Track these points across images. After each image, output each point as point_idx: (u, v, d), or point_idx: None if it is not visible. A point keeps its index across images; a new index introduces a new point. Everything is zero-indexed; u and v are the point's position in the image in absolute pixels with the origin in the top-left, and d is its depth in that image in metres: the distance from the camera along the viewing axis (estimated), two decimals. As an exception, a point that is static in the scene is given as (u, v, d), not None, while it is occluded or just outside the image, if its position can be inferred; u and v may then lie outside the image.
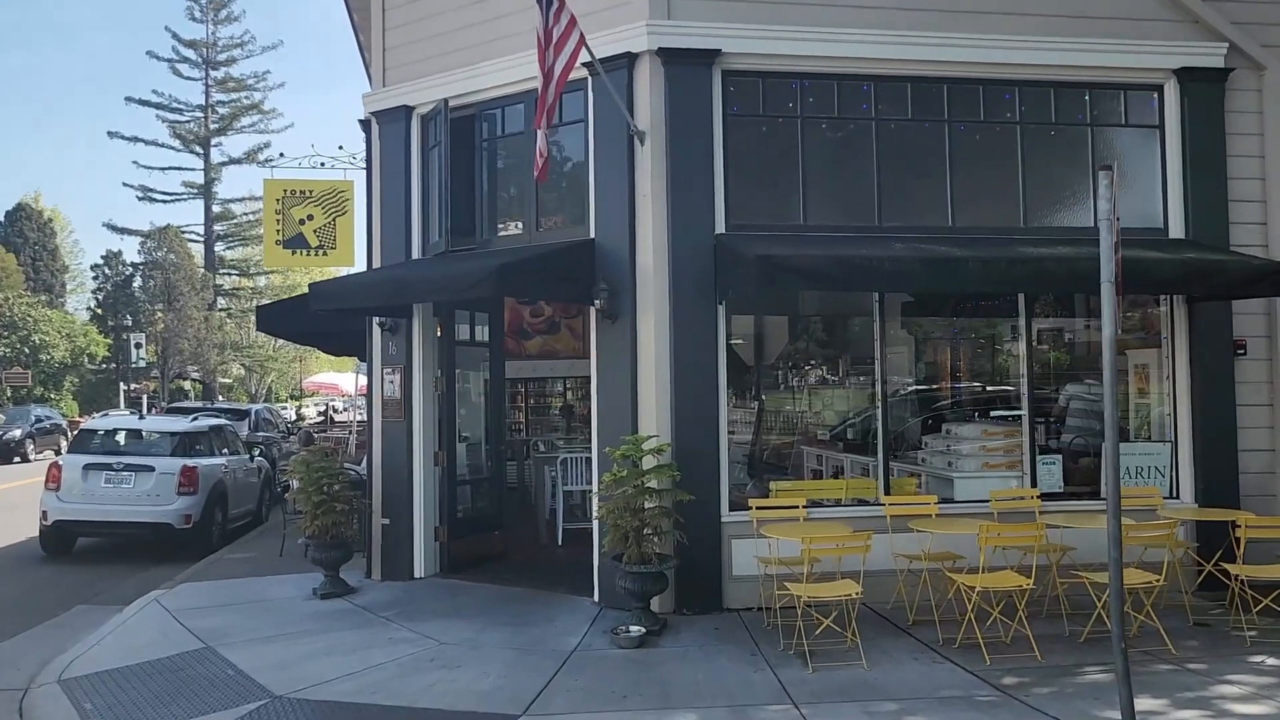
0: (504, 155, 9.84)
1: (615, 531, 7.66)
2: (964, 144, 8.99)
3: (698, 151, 8.47)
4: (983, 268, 7.62)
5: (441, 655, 7.28)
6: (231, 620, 8.49)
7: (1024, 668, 6.70)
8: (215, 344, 49.89)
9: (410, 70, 9.97)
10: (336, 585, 9.37)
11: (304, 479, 9.42)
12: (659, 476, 7.81)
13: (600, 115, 8.73)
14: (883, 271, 7.49)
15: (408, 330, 9.95)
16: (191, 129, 53.99)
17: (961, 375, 10.90)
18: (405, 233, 9.97)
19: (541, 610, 8.53)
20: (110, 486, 12.09)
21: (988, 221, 8.98)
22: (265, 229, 11.33)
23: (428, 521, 9.93)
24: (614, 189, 8.62)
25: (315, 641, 7.76)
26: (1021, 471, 9.03)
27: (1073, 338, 10.37)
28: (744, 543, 8.30)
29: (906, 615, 7.92)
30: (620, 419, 8.48)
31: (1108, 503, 5.34)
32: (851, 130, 8.95)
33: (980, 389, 10.55)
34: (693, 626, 7.91)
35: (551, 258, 8.55)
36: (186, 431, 13.01)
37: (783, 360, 11.51)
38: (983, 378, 10.67)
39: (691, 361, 8.35)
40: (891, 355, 9.40)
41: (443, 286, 8.15)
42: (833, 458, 10.85)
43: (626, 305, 8.48)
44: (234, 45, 54.66)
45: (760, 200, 8.85)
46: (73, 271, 57.23)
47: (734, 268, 7.95)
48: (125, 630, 8.37)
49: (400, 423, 9.91)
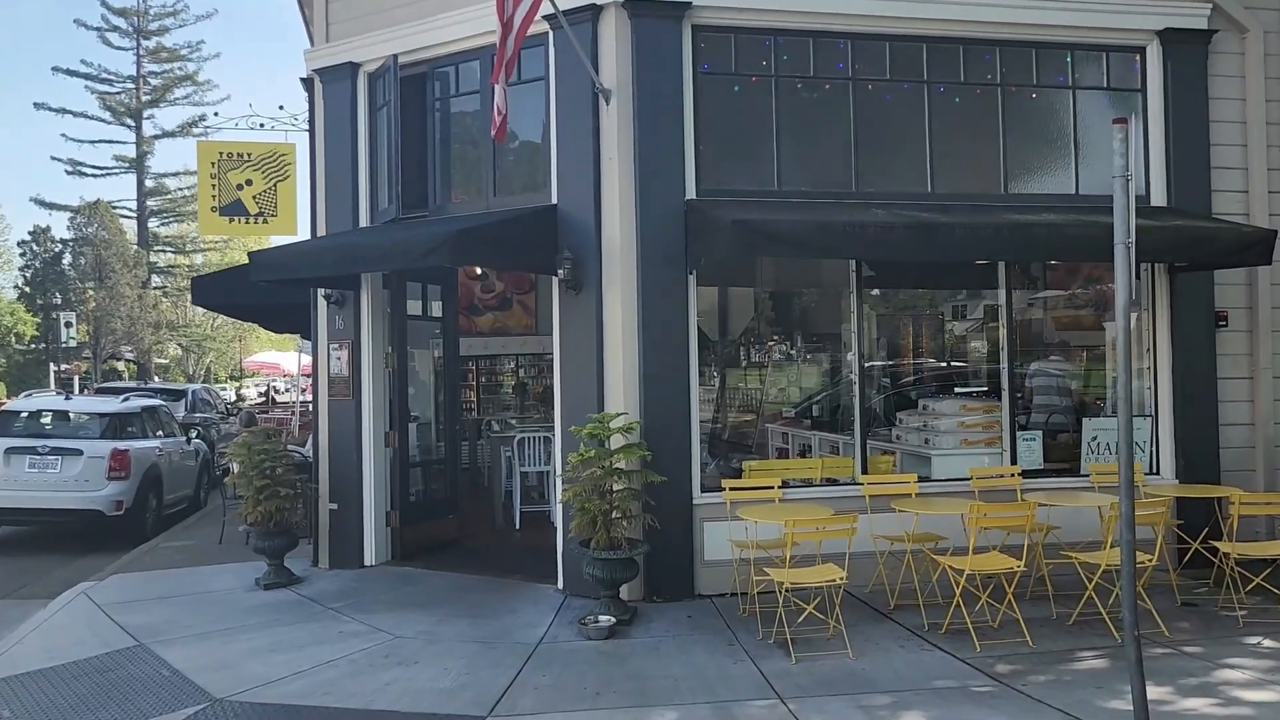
0: (459, 116, 9.23)
1: (582, 515, 7.19)
2: (944, 107, 8.60)
3: (667, 112, 7.97)
4: (970, 234, 7.25)
5: (397, 650, 6.76)
6: (167, 615, 7.88)
7: (1016, 654, 6.37)
8: (150, 323, 48.19)
9: (356, 24, 9.31)
10: (281, 575, 8.78)
11: (245, 462, 8.79)
12: (628, 457, 7.34)
13: (562, 72, 8.18)
14: (866, 237, 7.07)
15: (355, 303, 9.33)
16: (123, 100, 51.94)
17: (935, 350, 10.60)
18: (352, 199, 9.33)
19: (502, 599, 8.04)
20: (35, 471, 11.31)
21: (968, 188, 8.60)
22: (199, 194, 10.57)
23: (378, 506, 9.36)
24: (577, 151, 8.09)
25: (259, 637, 7.19)
26: (1001, 448, 8.70)
27: (1043, 312, 10.10)
28: (717, 525, 7.87)
29: (888, 599, 7.56)
30: (585, 396, 8.00)
31: (1120, 481, 5.00)
32: (827, 91, 8.51)
33: (955, 364, 10.25)
34: (664, 615, 7.48)
35: (511, 224, 8.00)
36: (117, 413, 12.23)
37: (747, 335, 11.13)
38: (957, 353, 10.36)
39: (661, 334, 7.88)
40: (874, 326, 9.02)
41: (394, 254, 7.56)
42: (800, 436, 10.51)
43: (591, 275, 7.97)
44: (166, 14, 52.63)
45: (732, 164, 8.38)
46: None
47: (707, 234, 7.48)
48: (50, 627, 7.73)
49: (348, 401, 9.31)
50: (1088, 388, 9.80)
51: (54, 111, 50.67)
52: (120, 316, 45.88)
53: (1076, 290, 10.02)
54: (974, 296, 10.16)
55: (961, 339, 10.38)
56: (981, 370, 9.84)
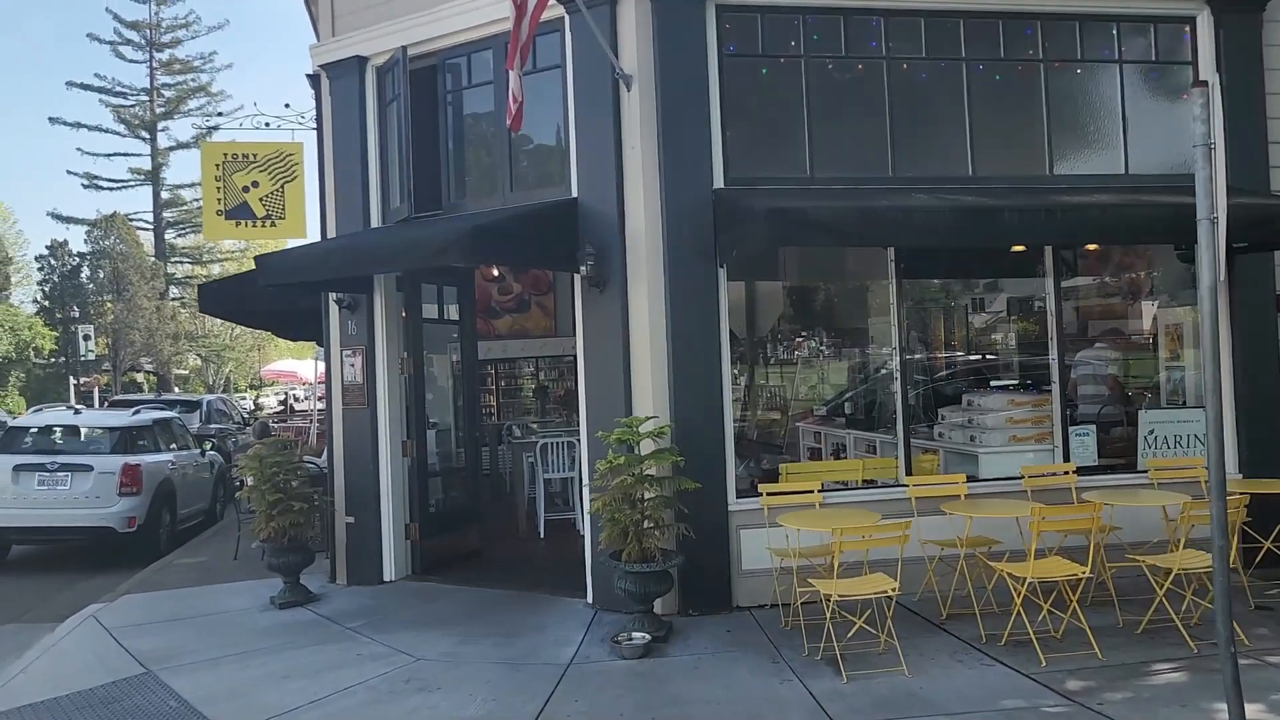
0: (471, 109, 8.81)
1: (612, 526, 6.75)
2: (983, 85, 8.11)
3: (691, 97, 7.54)
4: (1020, 217, 6.76)
5: (419, 674, 6.34)
6: (178, 638, 7.50)
7: (1085, 668, 5.89)
8: (169, 334, 48.12)
9: (363, 16, 8.92)
10: (297, 593, 8.40)
11: (257, 475, 8.41)
12: (659, 462, 6.91)
13: (580, 59, 7.76)
14: (911, 223, 6.60)
15: (369, 307, 8.94)
16: (137, 113, 51.87)
17: (973, 342, 10.11)
18: (362, 198, 8.94)
19: (529, 616, 7.61)
20: (45, 489, 10.98)
21: (1012, 170, 8.14)
22: (204, 198, 10.18)
23: (397, 518, 8.96)
24: (598, 142, 7.66)
25: (273, 662, 6.80)
26: (1052, 445, 8.21)
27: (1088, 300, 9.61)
28: (754, 533, 7.44)
29: (939, 608, 7.09)
30: (612, 399, 7.56)
31: (1210, 481, 4.53)
32: (860, 72, 8.04)
33: (996, 357, 9.75)
34: (701, 630, 7.03)
35: (529, 220, 7.58)
36: (128, 426, 11.88)
37: (776, 331, 10.68)
38: (997, 345, 9.87)
39: (691, 332, 7.45)
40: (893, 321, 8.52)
41: (407, 254, 7.16)
42: (833, 435, 10.05)
43: (615, 271, 7.55)
44: (178, 26, 52.48)
45: (762, 151, 7.93)
46: (17, 263, 54.92)
47: (738, 224, 7.03)
48: (56, 654, 7.37)
49: (363, 410, 8.91)
50: (1136, 378, 9.30)
51: (69, 125, 50.67)
52: (139, 328, 45.79)
53: (1106, 278, 9.54)
54: (1016, 285, 9.67)
55: (1002, 330, 9.88)
56: (1026, 363, 9.35)
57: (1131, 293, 9.57)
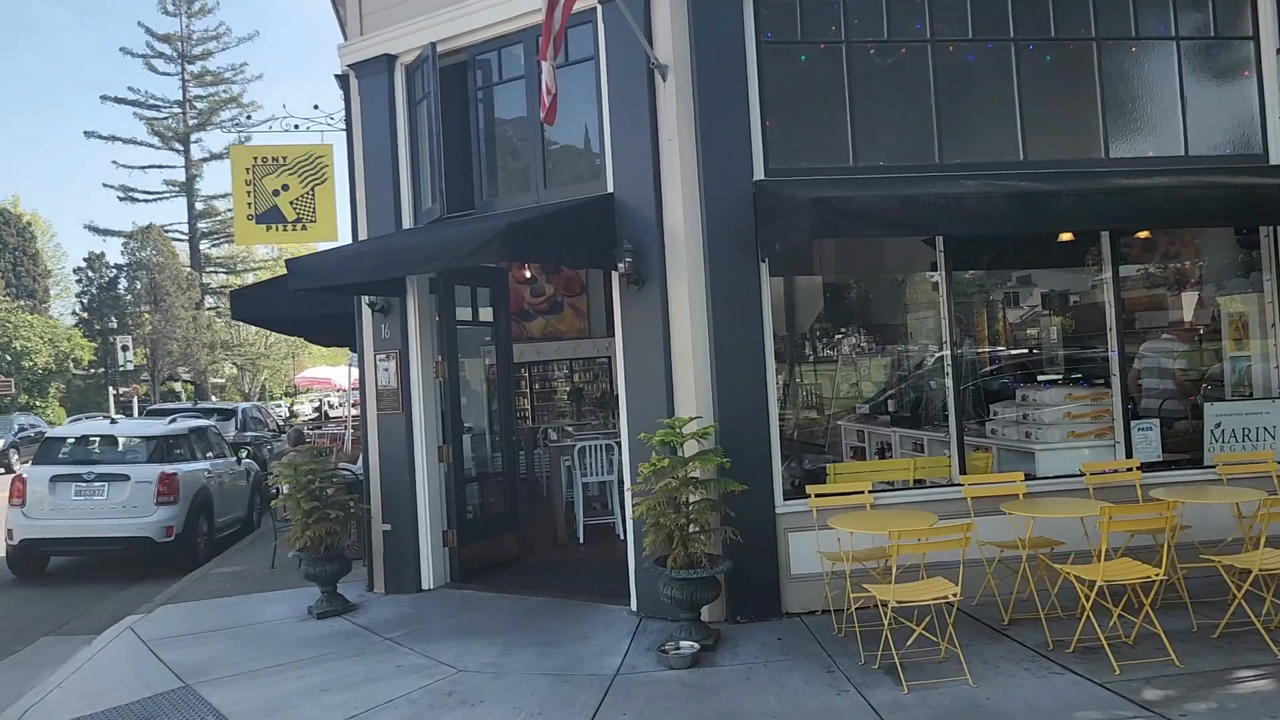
0: (503, 105, 8.61)
1: (657, 531, 6.51)
2: (1033, 66, 7.78)
3: (729, 86, 7.28)
4: (1078, 201, 6.43)
5: (460, 687, 6.13)
6: (215, 650, 7.35)
7: (1163, 675, 5.56)
8: (205, 344, 48.57)
9: (391, 14, 8.74)
10: (334, 602, 8.23)
11: (292, 483, 8.25)
12: (704, 465, 6.65)
13: (613, 50, 7.53)
14: (962, 210, 6.28)
15: (401, 310, 8.77)
16: (170, 125, 52.41)
17: (1025, 335, 9.77)
18: (394, 199, 8.77)
19: (571, 624, 7.39)
20: (82, 499, 10.92)
21: (1065, 154, 7.81)
22: (235, 203, 10.04)
23: (434, 525, 8.78)
24: (633, 135, 7.43)
25: (311, 674, 6.62)
26: (1113, 440, 7.86)
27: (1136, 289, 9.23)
28: (802, 536, 7.17)
29: (1000, 613, 6.78)
30: (652, 400, 7.33)
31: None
32: (904, 56, 7.74)
33: (1051, 350, 9.40)
34: (750, 638, 6.77)
35: (564, 216, 7.35)
36: (164, 435, 11.80)
37: (817, 326, 10.40)
38: (1053, 337, 9.51)
39: (733, 328, 7.19)
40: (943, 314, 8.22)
41: (441, 254, 6.95)
42: (877, 433, 9.76)
43: (654, 268, 7.31)
44: (209, 38, 53.03)
45: (802, 140, 7.65)
46: (56, 276, 55.71)
47: (781, 216, 6.76)
48: (92, 668, 7.23)
49: (398, 415, 8.73)
50: (1196, 370, 8.91)
51: (104, 139, 51.27)
52: (176, 338, 46.26)
53: (1152, 268, 9.15)
54: (1067, 275, 9.33)
55: (1052, 322, 9.52)
56: (1080, 356, 8.99)
57: (1178, 282, 9.19)
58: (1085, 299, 9.04)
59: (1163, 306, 9.11)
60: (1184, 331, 8.87)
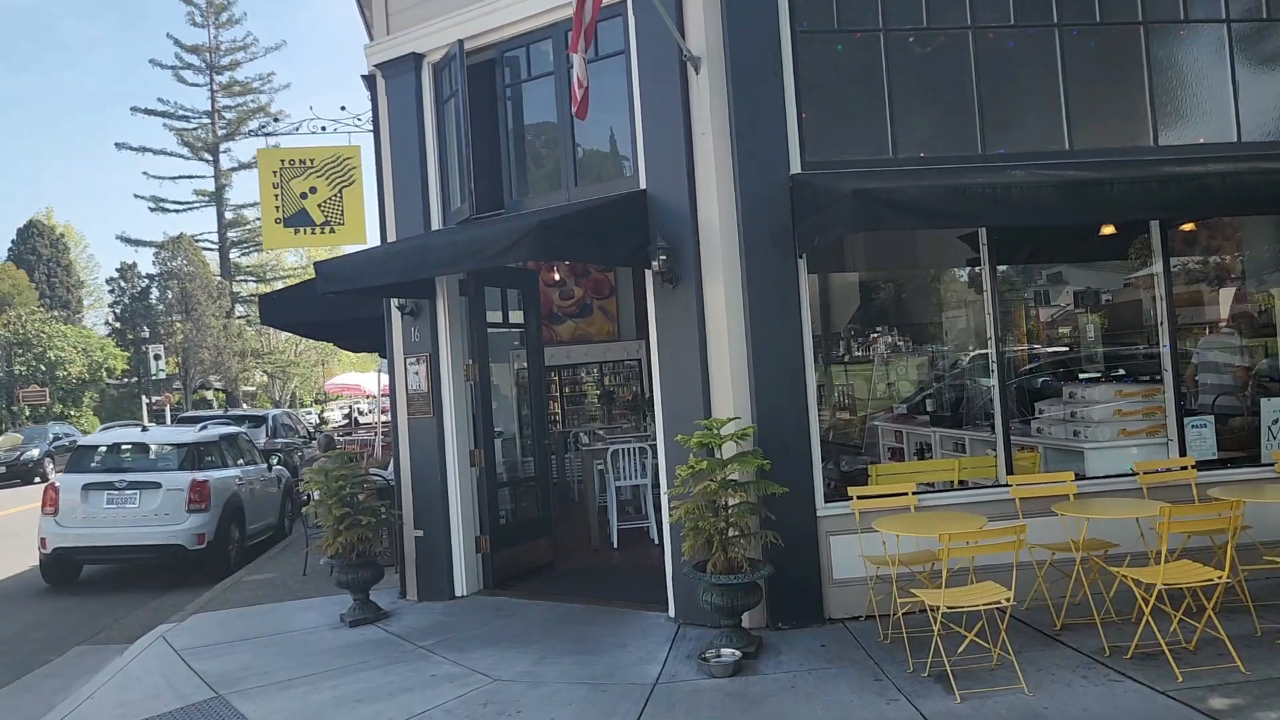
0: (531, 102, 8.47)
1: (696, 535, 6.32)
2: (1078, 53, 7.53)
3: (764, 77, 7.10)
4: (1130, 189, 6.17)
5: (497, 697, 5.98)
6: (247, 659, 7.24)
7: (1229, 683, 5.31)
8: (235, 352, 48.91)
9: (418, 12, 8.63)
10: (367, 610, 8.11)
11: (323, 489, 8.14)
12: (743, 467, 6.45)
13: (644, 43, 7.37)
14: (1010, 200, 6.05)
15: (431, 313, 8.65)
16: (199, 136, 52.94)
17: (1068, 331, 9.49)
18: (422, 200, 8.65)
19: (608, 631, 7.21)
20: (114, 507, 10.89)
21: (1112, 142, 7.53)
22: (263, 206, 9.98)
23: (467, 531, 8.64)
24: (666, 129, 7.27)
25: (344, 684, 6.49)
26: (1166, 438, 7.59)
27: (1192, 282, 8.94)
28: (845, 540, 6.96)
29: (1052, 618, 6.53)
30: (689, 401, 7.15)
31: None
32: (943, 44, 7.52)
33: (1097, 346, 9.12)
34: (793, 645, 6.56)
35: (597, 213, 7.19)
36: (194, 442, 11.76)
37: (853, 325, 10.17)
38: (1095, 333, 9.24)
39: (771, 326, 7.00)
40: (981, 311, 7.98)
41: (471, 253, 6.80)
42: (916, 433, 9.52)
43: (689, 265, 7.13)
44: (237, 48, 53.54)
45: (840, 132, 7.44)
46: (89, 287, 56.41)
47: (819, 209, 6.56)
48: (124, 677, 7.14)
49: (429, 419, 8.61)
50: (1254, 364, 8.62)
51: (134, 150, 51.86)
52: (207, 347, 46.62)
53: (1193, 262, 8.87)
54: (1112, 268, 9.05)
55: (1096, 317, 9.24)
56: (1126, 352, 8.74)
57: (1219, 277, 8.89)
58: (1129, 293, 8.77)
59: (1206, 301, 8.83)
60: (1242, 325, 8.56)
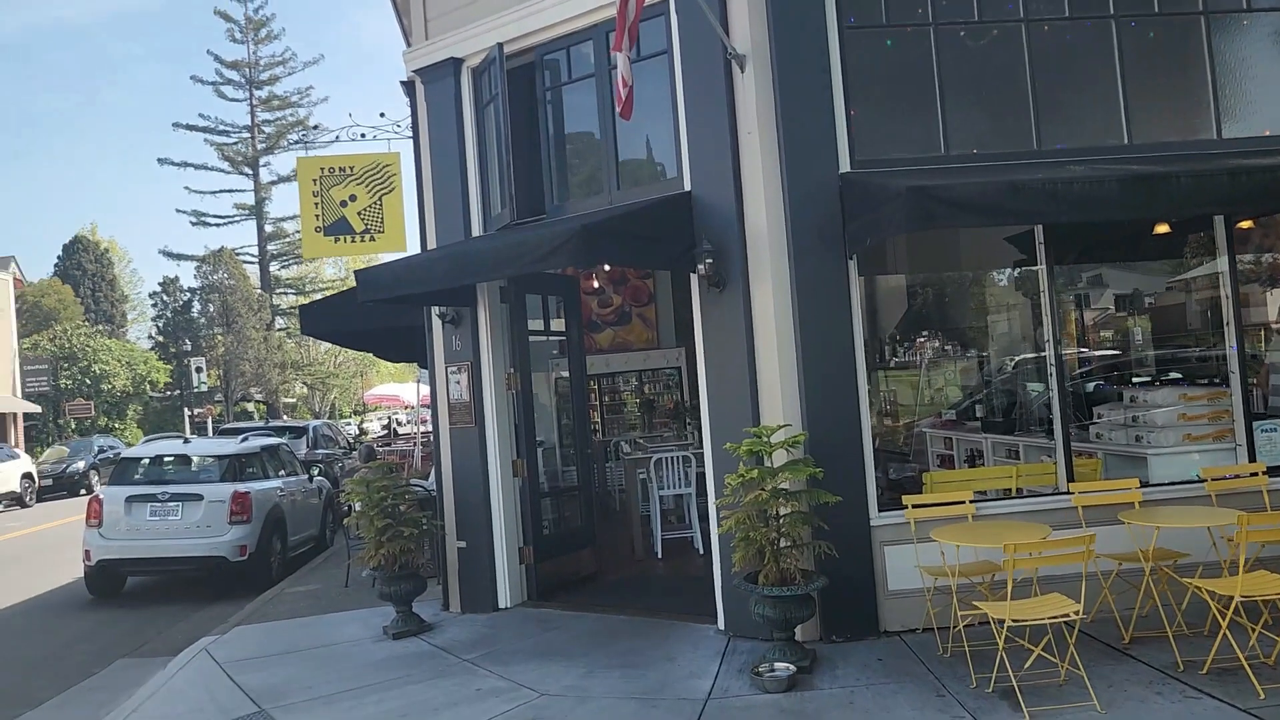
0: (572, 105, 8.33)
1: (747, 546, 6.13)
2: (1137, 44, 7.27)
3: (811, 74, 6.92)
4: (1197, 183, 5.91)
5: (544, 712, 5.82)
6: (291, 673, 7.15)
7: (1315, 701, 5.04)
8: (276, 364, 49.33)
9: (456, 16, 8.54)
10: (410, 622, 8.00)
11: (365, 500, 8.04)
12: (795, 475, 6.26)
13: (687, 42, 7.23)
14: (1070, 197, 5.80)
15: (473, 321, 8.54)
16: (239, 150, 53.63)
17: (1118, 333, 9.19)
18: (462, 207, 8.55)
19: (656, 644, 7.03)
20: (156, 519, 10.89)
21: (1174, 135, 7.26)
22: (303, 215, 9.94)
23: (510, 542, 8.50)
24: (711, 129, 7.11)
25: (389, 699, 6.36)
26: (1234, 442, 7.29)
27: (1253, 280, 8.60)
28: (899, 550, 6.74)
29: (1119, 630, 6.26)
30: (737, 408, 6.97)
31: None
32: (996, 37, 7.30)
33: (1153, 348, 8.82)
34: (849, 658, 6.34)
35: (641, 216, 7.04)
36: (236, 454, 11.75)
37: (898, 329, 9.93)
38: (1150, 334, 8.93)
39: (821, 330, 6.80)
40: (1038, 311, 7.70)
41: (514, 258, 6.68)
42: (966, 440, 9.25)
43: (736, 268, 6.96)
44: (275, 63, 54.20)
45: (890, 129, 7.24)
46: (133, 301, 57.27)
47: (873, 209, 6.36)
48: (168, 692, 7.07)
49: (471, 428, 8.49)
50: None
51: (176, 165, 52.67)
52: (248, 359, 47.05)
53: (1255, 259, 8.53)
54: (1160, 269, 8.77)
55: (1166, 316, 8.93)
56: (1183, 354, 8.43)
57: (1272, 277, 8.55)
58: (1180, 294, 8.47)
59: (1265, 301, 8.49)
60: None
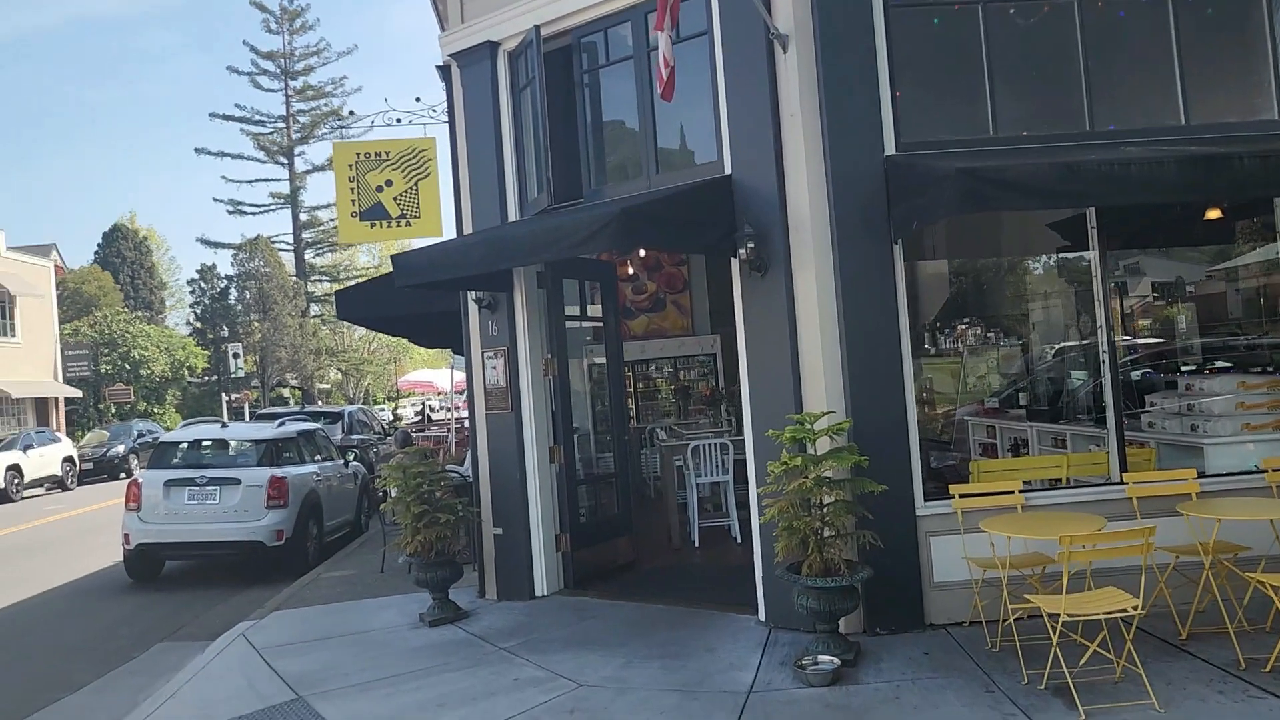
0: (610, 88, 8.20)
1: (790, 536, 6.00)
2: (1194, 20, 7.01)
3: (855, 54, 6.74)
4: (1262, 166, 5.69)
5: (583, 703, 5.74)
6: (328, 659, 7.13)
7: (1386, 702, 4.84)
8: (311, 350, 49.74)
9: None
10: (446, 609, 7.96)
11: (401, 486, 8.00)
12: (840, 463, 6.12)
13: (728, 21, 7.07)
14: (1127, 179, 5.59)
15: (509, 306, 8.45)
16: (275, 140, 54.06)
17: (1177, 320, 8.95)
18: (499, 191, 8.46)
19: (696, 635, 6.93)
20: (194, 503, 10.94)
21: (1233, 115, 7.02)
22: (339, 200, 9.90)
23: (547, 529, 8.43)
24: (752, 111, 6.95)
25: (425, 686, 6.31)
26: (1294, 431, 7.07)
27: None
28: (946, 540, 6.58)
29: (1176, 626, 6.07)
30: (779, 395, 6.83)
31: None
32: (1047, 14, 7.06)
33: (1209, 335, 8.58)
34: (894, 652, 6.21)
35: (681, 199, 6.90)
36: (273, 439, 11.77)
37: (939, 316, 9.74)
38: (1197, 321, 8.69)
39: (865, 316, 6.64)
40: (1084, 297, 7.50)
41: (552, 242, 6.57)
42: (1010, 428, 9.07)
43: (778, 253, 6.81)
44: (310, 54, 54.56)
45: (937, 110, 7.04)
46: (171, 288, 57.97)
47: (920, 191, 6.18)
48: (205, 677, 7.07)
49: (507, 414, 8.41)
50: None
51: (213, 155, 53.34)
52: (284, 345, 47.48)
53: None
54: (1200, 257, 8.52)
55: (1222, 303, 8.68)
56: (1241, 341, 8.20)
57: None
58: (1235, 280, 8.22)
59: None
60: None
